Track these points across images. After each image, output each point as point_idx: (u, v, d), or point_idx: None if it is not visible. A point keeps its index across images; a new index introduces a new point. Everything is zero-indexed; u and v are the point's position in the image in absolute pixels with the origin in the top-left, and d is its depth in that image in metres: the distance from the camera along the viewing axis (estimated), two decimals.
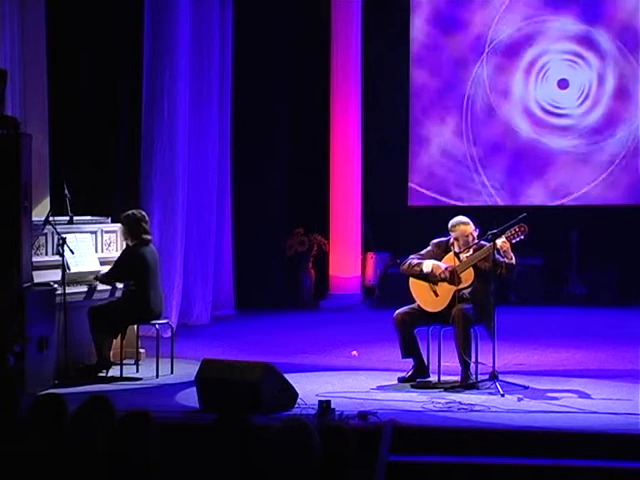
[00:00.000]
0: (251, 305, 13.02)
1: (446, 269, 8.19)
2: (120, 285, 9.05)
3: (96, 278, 8.96)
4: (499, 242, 7.95)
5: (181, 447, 5.63)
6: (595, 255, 13.71)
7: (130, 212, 9.04)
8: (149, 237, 8.97)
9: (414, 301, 8.38)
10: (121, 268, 8.85)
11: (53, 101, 10.91)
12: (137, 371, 8.98)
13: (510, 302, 12.75)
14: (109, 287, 9.06)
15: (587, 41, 14.06)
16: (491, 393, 7.81)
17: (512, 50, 14.22)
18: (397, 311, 8.38)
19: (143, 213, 9.07)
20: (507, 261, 8.01)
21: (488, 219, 9.27)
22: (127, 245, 9.03)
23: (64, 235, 8.69)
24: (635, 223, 13.62)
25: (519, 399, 7.68)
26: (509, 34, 14.21)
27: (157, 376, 8.80)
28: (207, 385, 7.39)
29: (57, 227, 8.78)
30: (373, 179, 14.09)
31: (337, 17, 13.80)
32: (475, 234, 8.24)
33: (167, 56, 11.23)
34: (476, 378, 8.07)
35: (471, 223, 8.28)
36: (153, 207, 11.11)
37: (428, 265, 8.25)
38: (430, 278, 8.25)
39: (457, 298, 8.13)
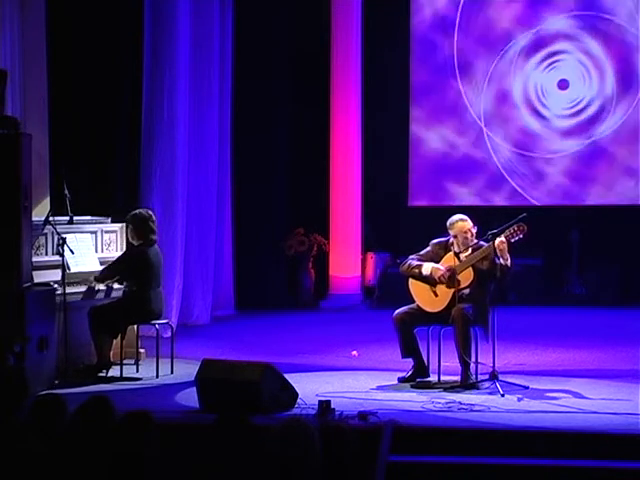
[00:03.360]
0: (251, 305, 13.01)
1: (445, 272, 8.18)
2: (117, 285, 9.04)
3: (95, 279, 8.94)
4: (497, 242, 7.94)
5: (181, 447, 5.63)
6: (595, 255, 13.71)
7: (137, 211, 9.03)
8: (155, 237, 8.96)
9: (414, 301, 8.38)
10: (123, 267, 8.82)
11: (53, 101, 10.91)
12: (137, 371, 8.98)
13: (510, 302, 12.73)
14: (105, 285, 9.04)
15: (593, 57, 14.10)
16: (491, 393, 7.81)
17: (512, 50, 14.22)
18: (397, 311, 8.38)
19: (150, 212, 9.06)
20: (502, 262, 7.96)
21: (488, 219, 9.27)
22: (131, 245, 9.01)
23: (64, 235, 8.69)
24: (635, 223, 13.62)
25: (519, 399, 7.68)
26: (509, 34, 14.21)
27: (157, 376, 8.80)
28: (207, 385, 7.39)
29: (57, 227, 8.77)
30: (373, 179, 14.09)
31: (337, 17, 13.80)
32: (474, 231, 8.24)
33: (167, 56, 11.22)
34: (476, 378, 8.07)
35: (469, 220, 8.27)
36: (153, 207, 11.07)
37: (427, 268, 8.24)
38: (429, 281, 8.25)
39: (457, 298, 8.13)
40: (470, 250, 8.20)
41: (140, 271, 8.76)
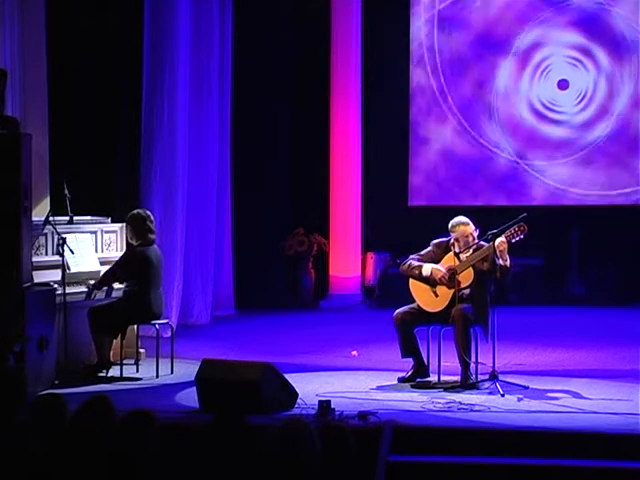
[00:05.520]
0: (251, 305, 13.01)
1: (445, 273, 8.18)
2: (117, 285, 9.04)
3: (94, 287, 8.90)
4: (497, 242, 7.94)
5: (181, 447, 5.63)
6: (595, 255, 13.71)
7: (135, 211, 9.04)
8: (154, 237, 8.96)
9: (414, 301, 8.38)
10: (125, 269, 8.82)
11: (53, 101, 10.91)
12: (137, 371, 8.98)
13: (510, 302, 12.72)
14: (105, 287, 9.03)
15: (584, 48, 14.08)
16: (491, 393, 7.81)
17: (512, 50, 14.22)
18: (397, 311, 8.38)
19: (148, 212, 9.08)
20: (501, 263, 7.96)
21: (488, 219, 9.26)
22: (130, 245, 9.01)
23: (64, 235, 8.69)
24: (635, 223, 13.62)
25: (519, 399, 7.68)
26: (509, 34, 14.22)
27: (157, 376, 8.80)
28: (207, 385, 7.39)
29: (57, 227, 8.77)
30: (373, 179, 14.10)
31: (337, 17, 13.81)
32: (475, 234, 8.24)
33: (167, 56, 11.22)
34: (476, 378, 8.07)
35: (471, 223, 8.27)
36: (153, 207, 11.09)
37: (427, 269, 8.24)
38: (429, 281, 8.25)
39: (457, 298, 8.13)
40: (470, 250, 8.21)
41: (140, 270, 8.76)
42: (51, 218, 8.83)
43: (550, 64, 14.19)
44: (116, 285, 9.05)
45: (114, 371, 8.83)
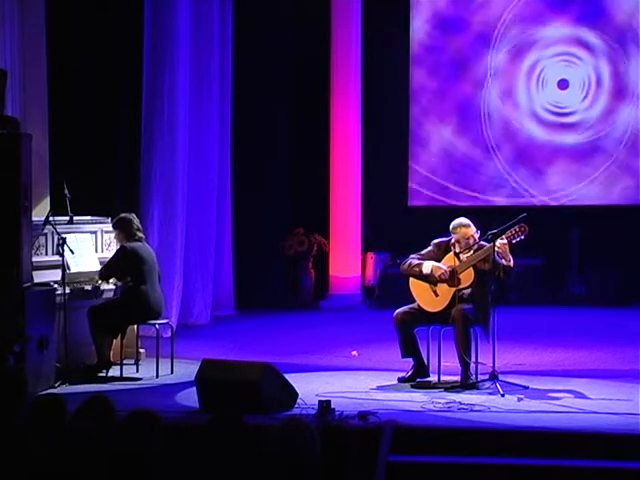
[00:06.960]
0: (251, 305, 13.01)
1: (446, 270, 8.18)
2: (112, 286, 9.07)
3: (100, 277, 8.98)
4: (498, 243, 7.94)
5: (181, 447, 5.63)
6: (595, 255, 13.70)
7: (118, 216, 9.07)
8: (141, 235, 9.00)
9: (414, 301, 8.38)
10: (114, 266, 8.88)
11: (53, 101, 10.91)
12: (137, 371, 8.99)
13: (510, 302, 12.72)
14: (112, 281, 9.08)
15: (582, 41, 14.09)
16: (491, 393, 7.81)
17: (512, 50, 14.22)
18: (397, 311, 8.38)
19: (132, 215, 9.13)
20: (505, 263, 7.98)
21: (488, 219, 9.26)
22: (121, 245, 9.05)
23: (64, 235, 8.69)
24: (635, 223, 13.62)
25: (519, 399, 7.68)
26: (509, 34, 14.22)
27: (157, 376, 8.80)
28: (207, 385, 7.39)
29: (57, 227, 8.78)
30: (373, 179, 14.10)
31: (337, 17, 13.81)
32: (476, 236, 8.24)
33: (167, 56, 11.22)
34: (476, 378, 8.07)
35: (472, 225, 8.27)
36: (153, 207, 11.11)
37: (428, 266, 8.25)
38: (430, 279, 8.26)
39: (457, 298, 8.13)
40: (471, 251, 8.20)
41: (132, 265, 8.79)
42: (51, 218, 8.84)
43: (542, 60, 14.21)
44: (111, 286, 9.07)
45: (114, 371, 8.83)
